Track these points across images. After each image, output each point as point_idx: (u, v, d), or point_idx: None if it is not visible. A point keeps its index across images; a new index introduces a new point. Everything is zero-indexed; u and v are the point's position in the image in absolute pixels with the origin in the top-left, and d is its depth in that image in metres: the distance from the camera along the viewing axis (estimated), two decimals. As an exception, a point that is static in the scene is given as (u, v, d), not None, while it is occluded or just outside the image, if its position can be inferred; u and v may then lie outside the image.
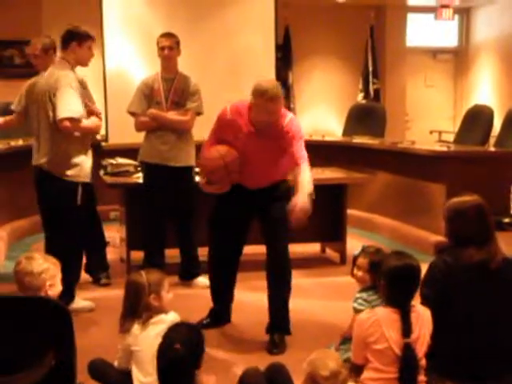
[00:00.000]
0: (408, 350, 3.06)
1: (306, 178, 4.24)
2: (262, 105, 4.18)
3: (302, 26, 10.66)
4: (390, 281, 3.20)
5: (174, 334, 2.92)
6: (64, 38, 5.08)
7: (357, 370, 3.25)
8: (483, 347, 3.29)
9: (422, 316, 3.18)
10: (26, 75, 5.81)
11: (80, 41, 5.06)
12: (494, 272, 3.38)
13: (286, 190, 4.43)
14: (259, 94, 4.18)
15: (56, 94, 4.85)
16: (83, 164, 5.01)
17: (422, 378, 3.14)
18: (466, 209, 3.49)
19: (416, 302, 3.24)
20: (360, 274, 3.88)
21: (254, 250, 5.08)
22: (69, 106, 4.83)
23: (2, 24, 9.41)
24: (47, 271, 3.20)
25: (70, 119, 4.84)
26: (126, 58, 8.46)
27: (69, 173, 4.94)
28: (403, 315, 3.12)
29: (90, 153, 5.15)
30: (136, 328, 3.36)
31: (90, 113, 5.11)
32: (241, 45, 8.80)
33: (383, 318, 3.13)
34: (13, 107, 5.75)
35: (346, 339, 3.93)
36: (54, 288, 3.20)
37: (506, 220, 6.48)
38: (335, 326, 4.36)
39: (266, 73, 8.90)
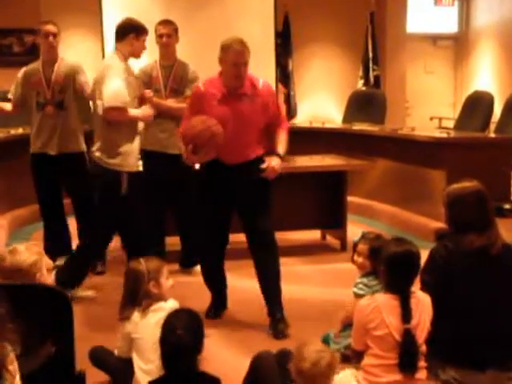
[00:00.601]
0: (408, 336, 3.07)
1: (283, 141, 4.53)
2: (229, 60, 4.30)
3: (301, 12, 10.62)
4: (390, 267, 3.20)
5: (174, 319, 2.93)
6: (122, 29, 5.09)
7: (357, 356, 3.26)
8: (483, 333, 3.30)
9: (422, 302, 3.19)
10: (25, 63, 5.78)
11: (138, 33, 5.07)
12: (494, 258, 3.38)
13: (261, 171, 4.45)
14: (225, 48, 4.32)
15: (103, 84, 4.88)
16: (128, 153, 5.01)
17: (422, 364, 3.15)
18: (465, 195, 3.50)
19: (416, 288, 3.24)
20: (360, 260, 3.90)
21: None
22: (114, 95, 4.84)
23: (1, 12, 9.39)
24: (35, 264, 3.08)
25: (115, 108, 4.85)
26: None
27: (113, 162, 4.96)
28: (403, 301, 3.12)
29: (136, 141, 5.14)
30: (136, 315, 3.36)
31: (142, 100, 5.17)
32: (240, 32, 8.69)
33: (383, 304, 3.14)
34: (10, 95, 5.75)
35: (347, 326, 3.95)
36: (43, 278, 3.12)
37: (507, 206, 6.48)
38: (336, 312, 4.36)
39: (265, 60, 8.90)
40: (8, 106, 5.75)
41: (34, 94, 5.57)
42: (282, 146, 4.54)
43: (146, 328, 3.30)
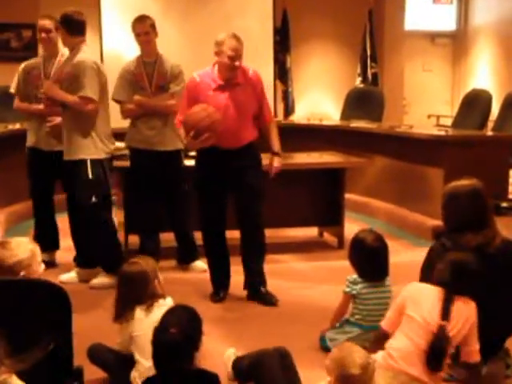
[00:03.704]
0: (441, 332, 3.06)
1: (276, 137, 4.97)
2: (225, 53, 4.62)
3: (300, 9, 10.61)
4: (452, 269, 3.20)
5: (169, 317, 2.90)
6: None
7: (381, 338, 3.28)
8: (481, 330, 3.31)
9: (468, 307, 3.18)
10: (23, 58, 5.78)
11: None
12: (492, 256, 3.39)
13: (256, 156, 4.91)
14: (220, 42, 4.66)
15: None
16: None
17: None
18: (460, 193, 3.52)
19: None
20: None
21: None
22: None
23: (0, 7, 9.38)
24: (20, 263, 2.95)
25: None
26: (123, 40, 8.40)
27: None
28: (447, 298, 3.13)
29: None
30: (139, 313, 3.33)
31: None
32: (239, 28, 8.70)
33: (426, 289, 3.18)
34: (12, 90, 5.73)
35: (344, 322, 3.97)
36: (31, 275, 3.00)
37: (504, 204, 6.47)
38: (333, 309, 4.36)
39: (263, 56, 8.90)
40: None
41: (33, 88, 5.57)
42: (277, 143, 4.97)
43: (150, 325, 3.28)
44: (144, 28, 5.46)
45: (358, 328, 3.92)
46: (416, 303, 3.15)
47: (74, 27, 5.16)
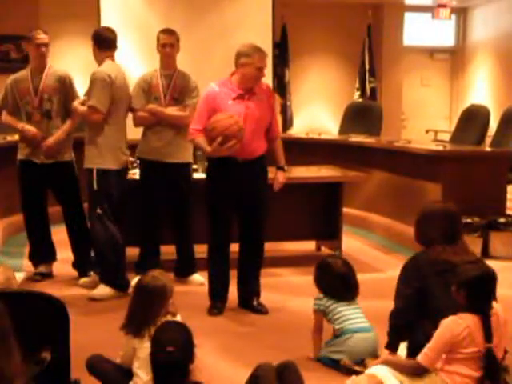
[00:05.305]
0: (490, 355, 3.09)
1: (282, 151, 5.05)
2: (254, 64, 4.76)
3: (299, 23, 10.67)
4: (470, 290, 3.17)
5: (163, 335, 2.90)
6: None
7: (420, 372, 3.23)
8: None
9: (500, 315, 3.20)
10: (22, 70, 5.77)
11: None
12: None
13: (266, 169, 4.97)
14: (248, 53, 4.81)
15: None
16: None
17: None
18: (437, 214, 3.64)
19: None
20: None
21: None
22: None
23: (-1, 19, 9.41)
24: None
25: None
26: (123, 52, 8.43)
27: None
28: (484, 321, 3.12)
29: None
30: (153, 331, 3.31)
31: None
32: (238, 42, 8.68)
33: (472, 323, 3.13)
34: None
35: (332, 338, 3.97)
36: None
37: (502, 220, 6.48)
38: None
39: (262, 70, 8.90)
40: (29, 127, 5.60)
41: (22, 103, 5.57)
42: (283, 157, 5.06)
43: None
44: (171, 40, 5.57)
45: (346, 334, 3.93)
46: (466, 340, 3.12)
47: (102, 43, 5.34)
